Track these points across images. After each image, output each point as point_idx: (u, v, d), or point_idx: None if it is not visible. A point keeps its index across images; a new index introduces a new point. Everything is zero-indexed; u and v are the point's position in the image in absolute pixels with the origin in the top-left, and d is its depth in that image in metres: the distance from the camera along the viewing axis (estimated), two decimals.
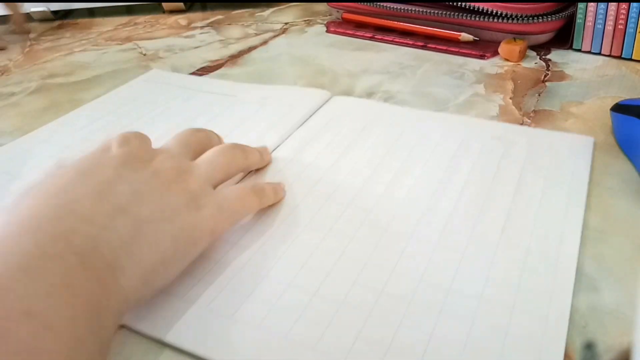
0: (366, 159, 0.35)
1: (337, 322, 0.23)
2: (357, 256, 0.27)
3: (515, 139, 0.35)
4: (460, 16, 0.52)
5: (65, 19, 0.73)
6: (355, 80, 0.48)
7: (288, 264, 0.26)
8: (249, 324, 0.23)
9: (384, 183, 0.32)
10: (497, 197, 0.30)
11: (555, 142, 0.35)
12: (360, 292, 0.24)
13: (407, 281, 0.25)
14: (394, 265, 0.26)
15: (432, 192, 0.31)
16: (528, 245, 0.27)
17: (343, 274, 0.26)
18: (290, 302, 0.24)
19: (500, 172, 0.32)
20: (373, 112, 0.41)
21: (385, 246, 0.27)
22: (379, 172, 0.33)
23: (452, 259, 0.26)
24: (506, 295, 0.24)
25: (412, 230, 0.28)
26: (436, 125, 0.38)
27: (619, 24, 0.46)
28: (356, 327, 0.23)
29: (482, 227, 0.28)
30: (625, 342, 0.22)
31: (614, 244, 0.27)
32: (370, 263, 0.26)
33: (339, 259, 0.26)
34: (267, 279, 0.26)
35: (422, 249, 0.27)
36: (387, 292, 0.24)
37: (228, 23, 0.66)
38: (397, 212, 0.30)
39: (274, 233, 0.29)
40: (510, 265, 0.25)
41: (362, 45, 0.56)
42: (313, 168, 0.34)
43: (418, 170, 0.33)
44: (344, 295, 0.24)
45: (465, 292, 0.24)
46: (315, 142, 0.37)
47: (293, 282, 0.25)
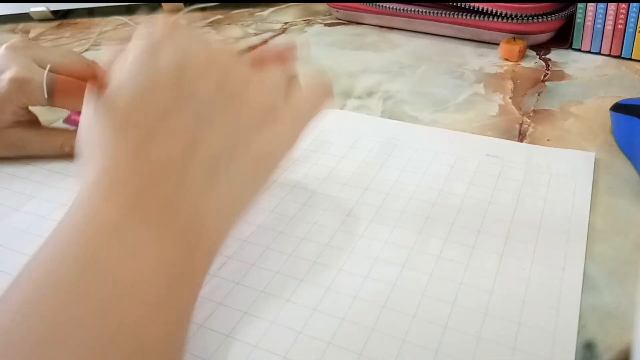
0: (357, 178, 0.33)
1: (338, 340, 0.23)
2: (354, 271, 0.26)
3: (512, 158, 0.34)
4: (460, 16, 0.52)
5: (64, 19, 0.73)
6: (355, 79, 0.48)
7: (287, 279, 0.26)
8: (246, 343, 0.23)
9: (374, 206, 0.31)
10: (493, 222, 0.29)
11: (554, 159, 0.33)
12: (362, 305, 0.24)
13: (412, 293, 0.25)
14: (396, 279, 0.25)
15: (426, 217, 0.29)
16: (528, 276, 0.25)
17: (343, 289, 0.25)
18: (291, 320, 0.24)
19: (498, 192, 0.31)
20: (363, 125, 0.39)
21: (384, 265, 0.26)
22: (371, 189, 0.32)
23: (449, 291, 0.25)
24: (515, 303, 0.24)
25: (414, 243, 0.28)
26: (429, 141, 0.36)
27: (619, 23, 0.46)
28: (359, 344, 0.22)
29: (481, 254, 0.27)
30: (625, 342, 0.22)
31: (613, 244, 0.27)
32: (369, 278, 0.26)
33: (337, 274, 0.26)
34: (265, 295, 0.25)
35: (427, 258, 0.26)
36: (389, 307, 0.24)
37: (228, 23, 0.66)
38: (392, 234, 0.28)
39: (270, 244, 0.28)
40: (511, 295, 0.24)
41: (362, 45, 0.56)
42: (301, 187, 0.33)
43: (411, 190, 0.32)
44: (345, 310, 0.24)
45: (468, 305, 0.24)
46: (304, 163, 0.35)
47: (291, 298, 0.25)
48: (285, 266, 0.27)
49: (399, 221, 0.29)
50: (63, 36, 0.66)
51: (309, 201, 0.31)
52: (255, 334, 0.23)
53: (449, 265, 0.26)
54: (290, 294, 0.25)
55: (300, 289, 0.25)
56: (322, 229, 0.29)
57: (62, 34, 0.67)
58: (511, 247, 0.27)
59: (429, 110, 0.41)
